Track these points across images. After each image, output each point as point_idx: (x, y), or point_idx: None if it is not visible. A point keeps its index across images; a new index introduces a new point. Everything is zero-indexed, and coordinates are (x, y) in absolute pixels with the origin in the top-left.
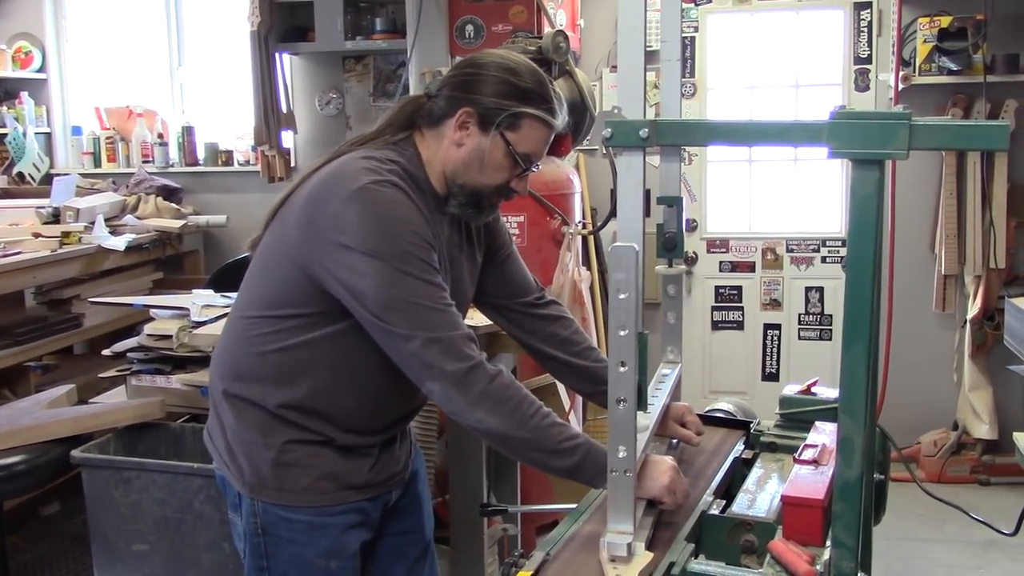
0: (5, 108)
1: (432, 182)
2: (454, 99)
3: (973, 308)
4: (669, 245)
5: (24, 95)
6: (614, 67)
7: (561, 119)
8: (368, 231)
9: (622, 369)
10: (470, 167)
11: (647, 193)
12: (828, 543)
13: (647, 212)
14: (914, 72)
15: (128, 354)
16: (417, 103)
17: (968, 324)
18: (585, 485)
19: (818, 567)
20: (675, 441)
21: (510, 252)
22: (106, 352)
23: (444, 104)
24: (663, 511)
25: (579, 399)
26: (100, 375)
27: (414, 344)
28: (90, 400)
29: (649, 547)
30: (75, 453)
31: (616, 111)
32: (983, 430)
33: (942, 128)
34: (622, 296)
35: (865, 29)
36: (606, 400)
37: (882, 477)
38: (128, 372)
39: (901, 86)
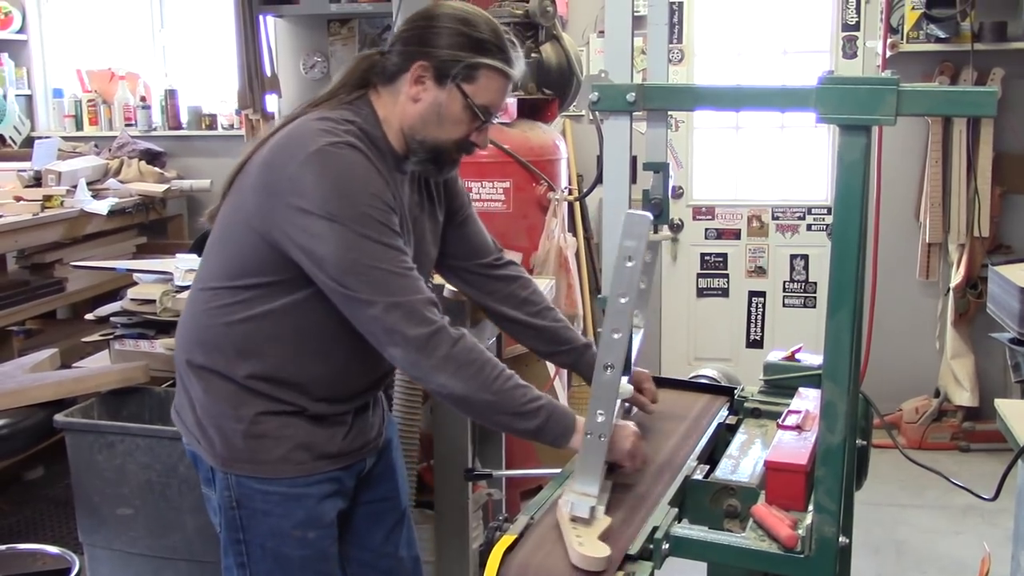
0: None
1: (390, 140)
2: (408, 53)
3: (956, 276)
4: (655, 211)
5: (3, 56)
6: (601, 32)
7: (518, 69)
8: (326, 194)
9: (616, 336)
10: (428, 122)
11: (633, 159)
12: (810, 508)
13: (633, 179)
14: (902, 39)
15: (111, 318)
16: (370, 60)
17: (951, 292)
18: (548, 446)
19: (800, 531)
20: (628, 406)
21: (469, 213)
22: (89, 316)
23: (398, 59)
24: (621, 476)
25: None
26: (83, 339)
27: (375, 309)
28: (73, 364)
29: (607, 511)
30: (58, 417)
31: (603, 75)
32: (964, 397)
33: (930, 94)
34: (629, 264)
35: None
36: (565, 360)
37: (864, 443)
38: (111, 336)
39: (888, 53)
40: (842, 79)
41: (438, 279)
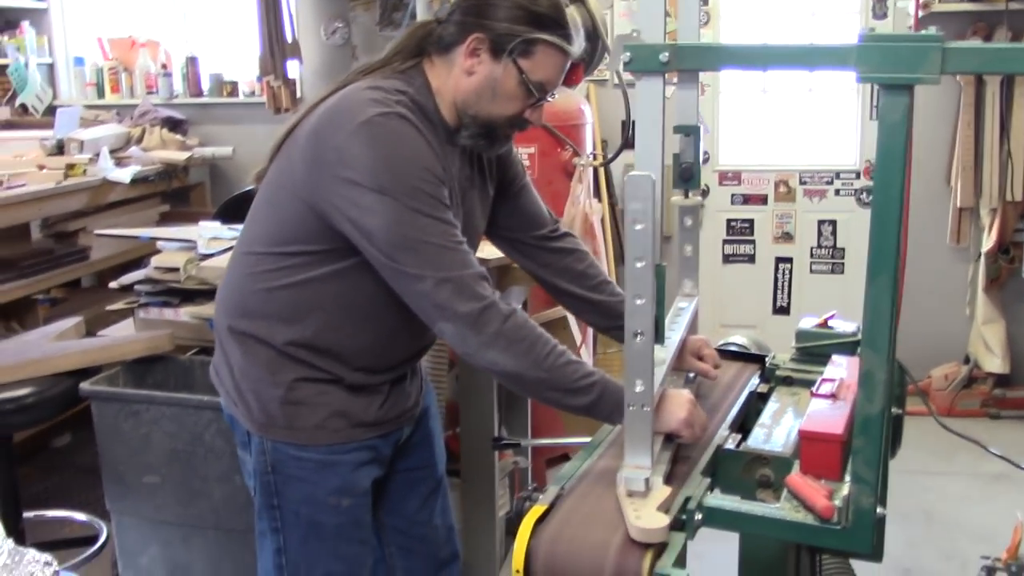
0: (6, 38)
1: (443, 113)
2: (465, 24)
3: (988, 241)
4: (686, 176)
5: (25, 25)
6: None
7: (578, 46)
8: (376, 167)
9: (639, 302)
10: (482, 96)
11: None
12: (847, 478)
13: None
14: None
15: (136, 287)
16: (427, 29)
17: (983, 257)
18: (603, 422)
19: (836, 502)
20: (692, 375)
21: (524, 184)
22: (113, 285)
23: (454, 30)
24: (680, 445)
25: (590, 332)
26: (108, 308)
27: (425, 284)
28: (98, 333)
29: (667, 481)
30: (84, 385)
31: (635, 35)
32: (995, 364)
33: (976, 51)
34: (638, 227)
35: None
36: (622, 335)
37: (900, 411)
38: (136, 305)
39: (921, 13)
40: (884, 36)
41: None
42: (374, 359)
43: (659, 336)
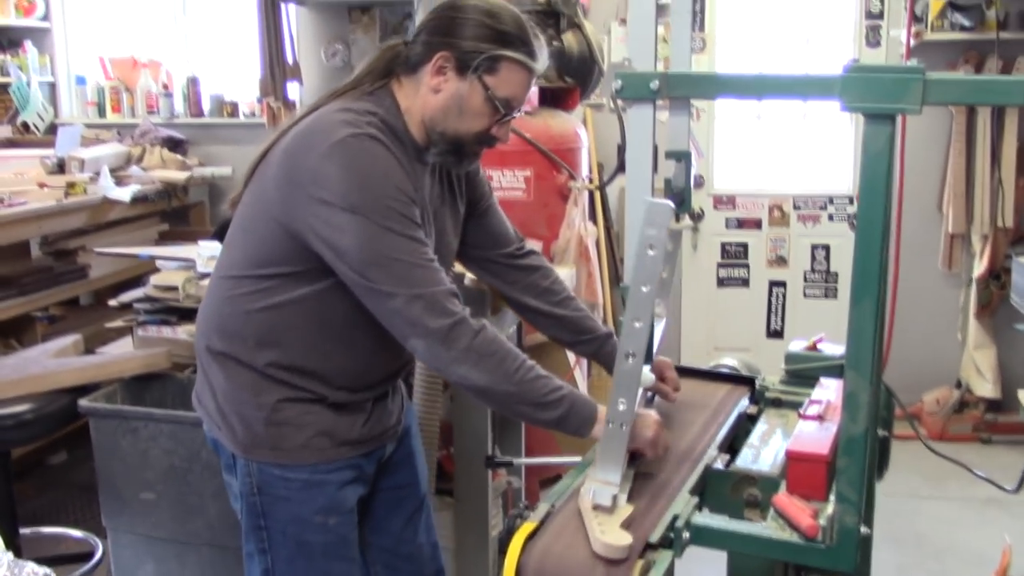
0: (8, 57)
1: (412, 132)
2: (431, 44)
3: (979, 267)
4: (677, 201)
5: (28, 44)
6: (623, 20)
7: (542, 62)
8: (348, 186)
9: (637, 325)
10: (448, 113)
11: (655, 149)
12: (831, 498)
13: (655, 167)
14: (926, 28)
15: (134, 305)
16: (395, 50)
17: (974, 283)
18: (571, 435)
19: (821, 521)
20: (651, 394)
21: (490, 203)
22: (112, 303)
23: (421, 50)
24: (641, 461)
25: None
26: (106, 325)
27: (397, 301)
28: (96, 350)
29: (629, 499)
30: (82, 402)
31: (626, 63)
32: (986, 388)
33: (957, 83)
34: (651, 252)
35: None
36: (586, 350)
37: (886, 434)
38: (134, 323)
39: (913, 42)
40: (868, 67)
41: (458, 267)
42: (354, 378)
43: (648, 358)
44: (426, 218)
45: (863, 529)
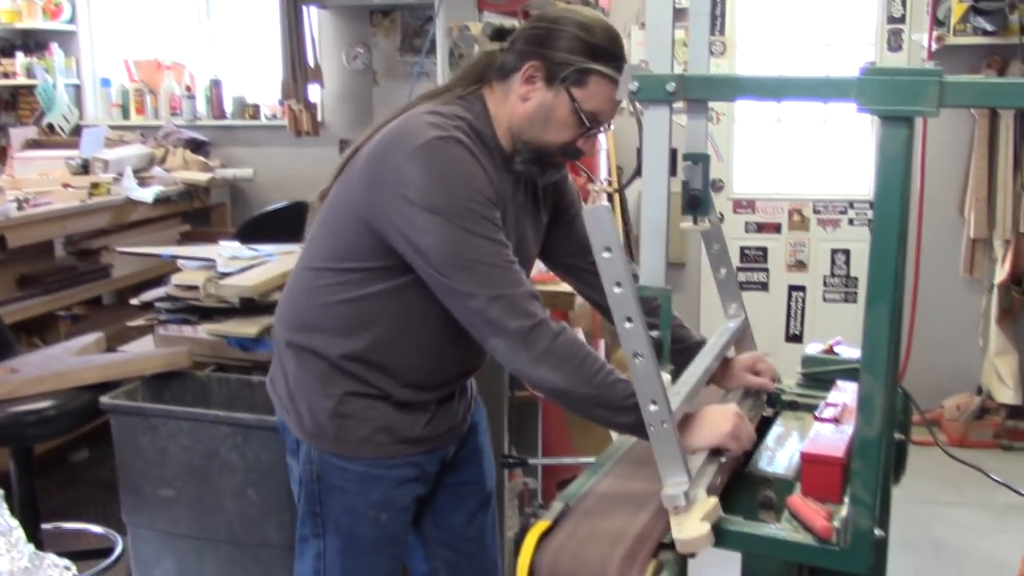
0: (35, 59)
1: (499, 138)
2: (524, 52)
3: (1001, 272)
4: (694, 203)
5: (54, 46)
6: (642, 24)
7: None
8: (431, 187)
9: (628, 325)
10: (535, 123)
11: (673, 152)
12: (846, 500)
13: (673, 171)
14: (948, 32)
15: (156, 304)
16: (491, 57)
17: (995, 288)
18: (645, 441)
19: (835, 523)
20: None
21: (579, 211)
22: (134, 302)
23: (514, 58)
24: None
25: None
26: (128, 324)
27: (477, 301)
28: (118, 348)
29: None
30: (104, 399)
31: (643, 65)
32: (1007, 395)
33: (973, 85)
34: (606, 255)
35: None
36: (682, 360)
37: (903, 438)
38: (156, 321)
39: (935, 46)
40: (884, 69)
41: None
42: (424, 376)
43: (661, 357)
44: (508, 223)
45: (877, 532)
